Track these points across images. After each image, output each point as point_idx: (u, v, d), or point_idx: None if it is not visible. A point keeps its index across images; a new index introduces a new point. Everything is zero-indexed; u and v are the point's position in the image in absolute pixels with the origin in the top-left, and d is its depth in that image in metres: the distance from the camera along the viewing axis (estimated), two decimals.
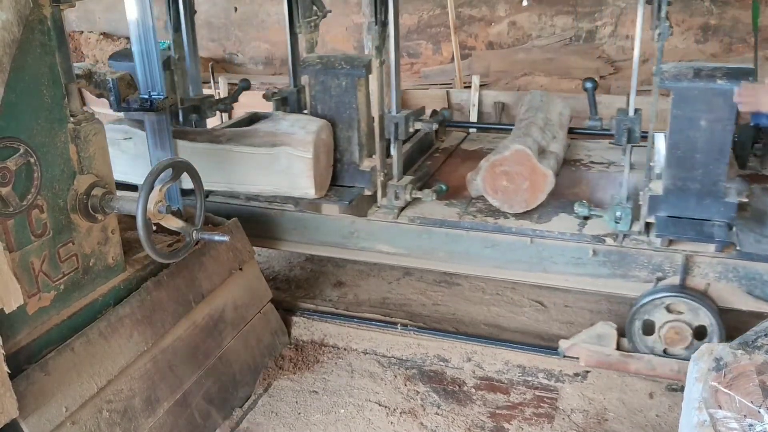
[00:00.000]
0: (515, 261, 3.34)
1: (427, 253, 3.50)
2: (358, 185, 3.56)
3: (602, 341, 3.16)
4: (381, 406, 3.05)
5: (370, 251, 3.60)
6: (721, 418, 1.91)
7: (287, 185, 3.41)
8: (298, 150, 3.31)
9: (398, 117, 3.41)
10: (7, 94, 2.12)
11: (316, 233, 3.65)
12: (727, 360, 2.04)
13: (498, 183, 3.38)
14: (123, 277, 2.72)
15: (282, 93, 4.13)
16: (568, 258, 3.25)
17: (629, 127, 3.01)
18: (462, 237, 3.41)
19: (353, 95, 3.43)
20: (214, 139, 3.51)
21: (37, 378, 2.23)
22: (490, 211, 3.48)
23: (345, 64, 3.43)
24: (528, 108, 4.11)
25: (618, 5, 7.12)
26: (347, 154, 3.54)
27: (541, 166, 3.32)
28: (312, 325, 3.61)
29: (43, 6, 2.26)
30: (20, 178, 2.21)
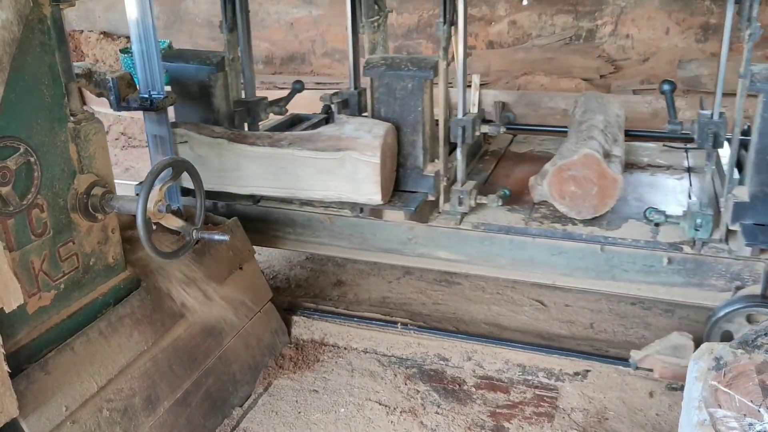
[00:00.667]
0: (583, 269, 3.24)
1: (488, 260, 3.39)
2: (421, 190, 3.43)
3: (678, 353, 2.98)
4: (381, 405, 3.05)
5: (429, 258, 3.49)
6: (721, 417, 1.91)
7: (352, 191, 3.29)
8: (365, 154, 3.18)
9: (465, 120, 3.28)
10: (6, 94, 2.12)
11: (372, 239, 3.54)
12: (727, 359, 2.04)
13: (565, 188, 3.25)
14: (123, 276, 2.72)
15: (342, 95, 4.01)
16: (639, 266, 3.13)
17: (715, 132, 2.89)
18: (527, 244, 3.29)
19: (419, 98, 3.32)
20: (275, 143, 3.40)
21: (38, 377, 2.23)
22: (556, 217, 3.34)
23: (411, 65, 3.31)
24: (585, 110, 3.95)
25: (618, 4, 7.12)
26: (411, 159, 3.43)
27: (611, 171, 3.18)
28: (312, 324, 3.61)
29: (43, 5, 2.26)
30: (20, 178, 2.21)
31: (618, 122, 3.97)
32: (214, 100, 3.71)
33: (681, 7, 6.92)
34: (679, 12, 6.95)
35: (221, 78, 3.70)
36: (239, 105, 3.87)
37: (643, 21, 7.08)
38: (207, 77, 3.66)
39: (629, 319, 3.64)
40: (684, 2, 6.88)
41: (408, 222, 3.44)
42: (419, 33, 7.94)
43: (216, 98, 3.71)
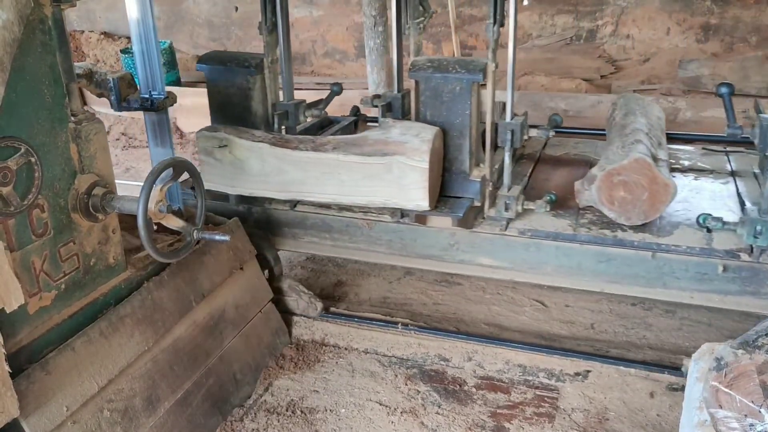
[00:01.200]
0: (632, 276, 3.17)
1: (533, 267, 3.32)
2: (467, 196, 3.36)
3: None
4: (382, 405, 3.05)
5: (470, 264, 3.42)
6: (722, 418, 1.91)
7: (398, 197, 3.22)
8: (413, 159, 3.10)
9: (514, 124, 3.22)
10: (7, 94, 2.12)
11: (412, 245, 3.47)
12: (728, 360, 2.04)
13: (615, 193, 3.17)
14: (124, 276, 2.72)
15: (386, 98, 3.90)
16: (692, 273, 3.06)
17: None
18: (574, 250, 3.22)
19: (467, 101, 3.23)
20: (319, 147, 3.32)
21: (38, 377, 2.23)
22: (604, 223, 3.27)
23: (459, 67, 3.23)
24: (626, 113, 3.85)
25: (619, 4, 7.12)
26: (457, 163, 3.35)
27: (662, 176, 3.10)
28: (312, 324, 3.61)
29: (44, 5, 2.26)
30: (21, 178, 2.21)
31: (660, 125, 3.87)
32: (251, 103, 3.66)
33: (681, 8, 6.92)
34: (679, 12, 6.95)
35: (259, 80, 3.65)
36: (278, 108, 3.79)
37: (644, 21, 7.09)
38: (245, 80, 3.62)
39: (630, 320, 3.64)
40: (684, 2, 6.88)
41: (450, 228, 3.34)
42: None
43: (254, 101, 3.66)
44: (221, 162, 3.44)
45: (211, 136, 3.42)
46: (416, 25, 3.78)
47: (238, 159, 3.39)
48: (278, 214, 3.64)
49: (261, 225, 3.67)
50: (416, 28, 3.80)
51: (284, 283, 3.63)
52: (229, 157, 3.41)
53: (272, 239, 3.69)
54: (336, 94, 4.22)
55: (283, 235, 3.68)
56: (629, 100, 4.11)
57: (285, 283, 3.64)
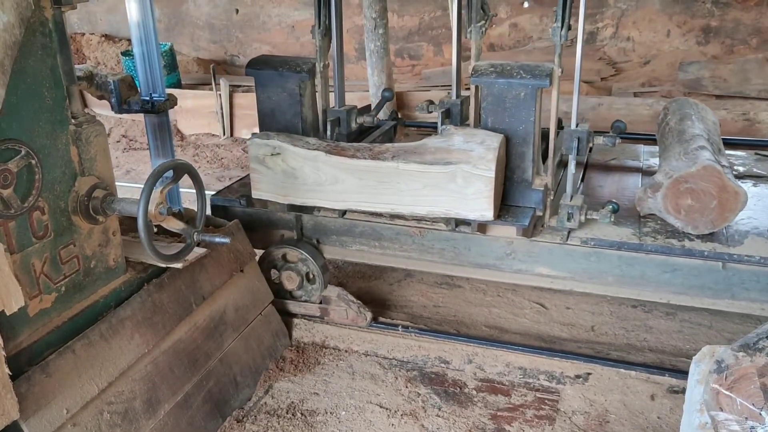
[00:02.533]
0: (699, 287, 3.09)
1: (593, 277, 3.24)
2: (529, 205, 3.27)
3: None
4: (382, 407, 3.05)
5: (528, 274, 3.34)
6: (723, 420, 1.91)
7: (461, 206, 3.12)
8: (478, 168, 3.00)
9: (581, 131, 3.13)
10: (8, 96, 2.12)
11: (466, 254, 3.37)
12: (728, 362, 2.04)
13: (681, 201, 3.09)
14: (124, 278, 2.72)
15: (444, 104, 3.77)
16: (763, 284, 2.98)
17: None
18: (637, 260, 3.14)
19: (531, 107, 3.14)
20: (377, 156, 3.22)
21: (38, 380, 2.23)
22: (669, 232, 3.18)
23: (524, 72, 3.15)
24: (681, 117, 3.76)
25: (619, 7, 7.13)
26: (519, 171, 3.26)
27: (732, 184, 3.01)
28: (313, 326, 3.61)
29: (45, 8, 2.27)
30: (21, 180, 2.21)
31: (716, 130, 3.79)
32: (302, 109, 3.61)
33: (682, 10, 6.93)
34: (680, 14, 6.96)
35: (310, 86, 3.60)
36: (329, 114, 3.76)
37: (644, 23, 7.09)
38: (297, 85, 3.56)
39: (630, 322, 3.64)
40: (685, 5, 6.89)
41: (507, 237, 3.26)
42: (420, 36, 7.96)
43: (304, 107, 3.61)
44: (273, 170, 3.34)
45: (263, 144, 3.32)
46: (478, 29, 3.66)
47: (291, 167, 3.30)
48: (327, 222, 3.55)
49: (308, 233, 3.60)
50: (478, 31, 3.67)
51: (332, 292, 3.56)
52: (282, 165, 3.32)
53: (320, 248, 3.63)
54: (387, 99, 4.14)
55: (332, 243, 3.59)
56: (683, 105, 4.01)
57: (333, 291, 3.56)
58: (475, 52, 3.68)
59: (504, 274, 3.41)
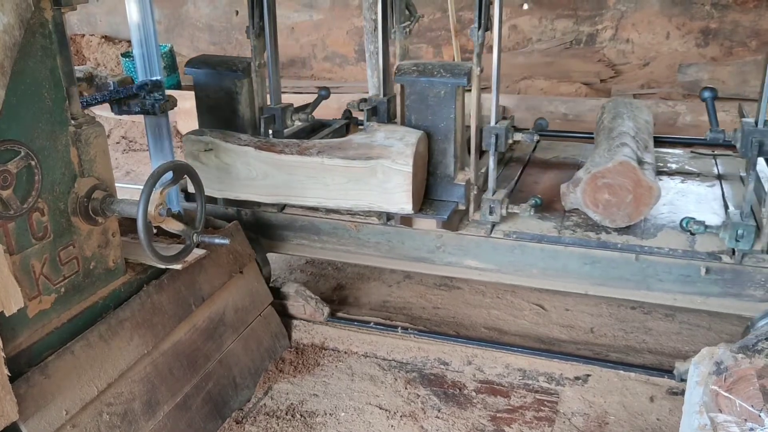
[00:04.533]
0: (617, 278, 3.19)
1: (519, 270, 3.34)
2: (452, 199, 3.39)
3: None
4: (381, 409, 3.05)
5: (457, 267, 3.44)
6: (722, 422, 1.91)
7: (383, 200, 3.23)
8: (397, 163, 3.13)
9: (499, 128, 3.22)
10: (8, 97, 2.12)
11: (400, 248, 3.49)
12: (727, 364, 2.04)
13: (599, 196, 3.19)
14: (123, 280, 2.72)
15: (371, 102, 3.92)
16: (676, 276, 3.08)
17: (761, 140, 2.82)
18: (560, 253, 3.24)
19: (452, 105, 3.25)
20: (304, 151, 3.34)
21: (38, 381, 2.23)
22: (589, 226, 3.29)
23: (445, 71, 3.25)
24: (614, 116, 3.88)
25: (618, 9, 7.14)
26: (441, 167, 3.38)
27: (647, 179, 3.12)
28: (312, 328, 3.61)
29: (45, 9, 2.27)
30: (21, 181, 2.21)
31: (647, 128, 3.88)
32: (239, 107, 3.67)
33: (681, 12, 6.94)
34: (679, 16, 6.97)
35: (247, 84, 3.66)
36: (265, 112, 3.82)
37: (644, 25, 7.10)
38: (233, 83, 3.62)
39: (629, 324, 3.64)
40: (684, 7, 6.90)
41: (437, 230, 3.38)
42: (420, 37, 7.96)
43: (241, 105, 3.67)
44: (207, 166, 3.43)
45: (197, 140, 3.42)
46: (402, 29, 3.79)
47: (224, 163, 3.40)
48: (267, 217, 3.65)
49: (250, 227, 3.67)
50: (402, 32, 3.80)
51: (290, 288, 3.63)
52: (215, 161, 3.41)
53: (262, 242, 3.71)
54: (323, 98, 4.24)
55: (273, 237, 3.69)
56: (618, 104, 4.13)
57: (291, 288, 3.63)
58: (399, 52, 3.79)
59: (436, 266, 3.49)
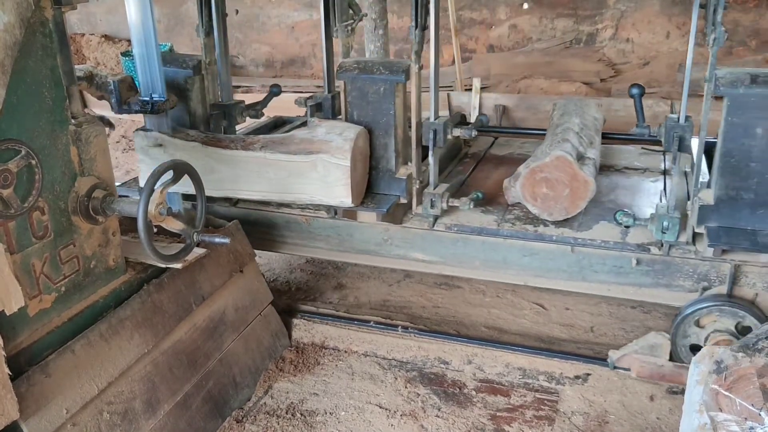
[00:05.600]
0: (554, 270, 3.27)
1: (462, 262, 3.42)
2: (394, 193, 3.47)
3: (655, 352, 3.06)
4: (381, 408, 3.05)
5: (404, 259, 3.52)
6: (722, 421, 1.91)
7: (323, 194, 3.31)
8: (336, 157, 3.21)
9: (437, 124, 3.30)
10: (8, 96, 2.12)
11: (349, 241, 3.57)
12: (728, 363, 2.04)
13: (537, 190, 3.29)
14: (124, 279, 2.72)
15: (316, 99, 3.98)
16: (609, 267, 3.17)
17: (681, 135, 2.93)
18: (500, 245, 3.32)
19: (391, 101, 3.34)
20: (248, 146, 3.40)
21: (38, 380, 2.23)
22: (529, 219, 3.38)
23: (384, 69, 3.34)
24: (562, 113, 3.99)
25: (618, 8, 7.13)
26: (383, 162, 3.46)
27: (583, 173, 3.22)
28: (312, 327, 3.61)
29: (45, 8, 2.27)
30: (21, 180, 2.21)
31: (595, 125, 4.00)
32: (190, 104, 3.70)
33: (681, 11, 6.93)
34: (679, 16, 6.96)
35: (197, 81, 3.69)
36: (216, 108, 3.87)
37: (644, 25, 7.10)
38: (183, 80, 3.65)
39: (629, 323, 3.64)
40: (684, 6, 6.89)
41: (383, 224, 3.47)
42: None
43: (192, 101, 3.70)
44: (157, 161, 3.40)
45: (146, 136, 3.44)
46: (344, 28, 3.86)
47: (173, 157, 3.39)
48: (222, 211, 3.69)
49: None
50: (344, 30, 3.88)
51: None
52: (164, 157, 3.42)
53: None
54: (275, 95, 4.31)
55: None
56: (568, 103, 4.23)
57: None
58: (342, 50, 3.85)
59: (384, 259, 3.57)
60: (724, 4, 2.73)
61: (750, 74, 2.81)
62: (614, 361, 3.14)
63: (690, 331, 3.03)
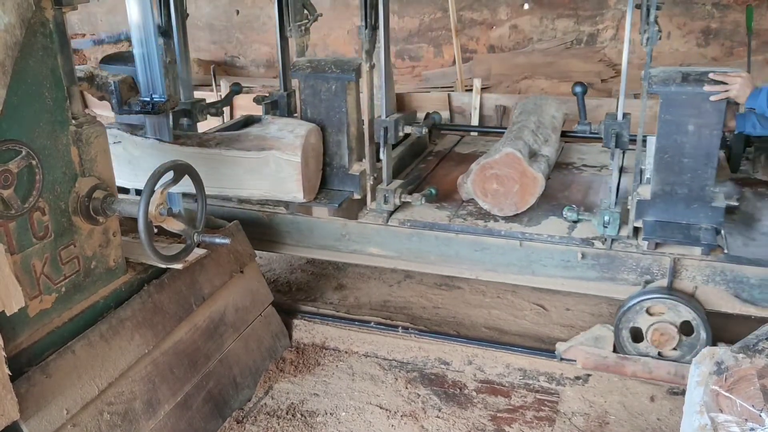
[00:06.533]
0: (505, 264, 3.35)
1: (417, 256, 3.50)
2: (348, 189, 3.59)
3: (599, 344, 3.18)
4: (382, 408, 3.05)
5: (362, 254, 3.61)
6: (723, 422, 1.91)
7: (276, 189, 3.42)
8: (287, 154, 3.31)
9: (387, 121, 3.40)
10: (9, 97, 2.12)
11: (309, 236, 3.66)
12: (728, 364, 2.04)
13: (488, 186, 3.39)
14: (124, 279, 2.72)
15: (272, 97, 4.10)
16: (557, 261, 3.26)
17: (617, 132, 3.03)
18: (452, 240, 3.41)
19: (343, 99, 3.45)
20: (204, 143, 3.49)
21: (38, 380, 2.23)
22: (480, 215, 3.48)
23: (335, 68, 3.44)
24: (521, 111, 4.12)
25: (619, 9, 7.13)
26: (336, 158, 3.57)
27: (532, 170, 3.32)
28: (313, 327, 3.61)
29: (46, 9, 2.27)
30: (22, 181, 2.21)
31: (553, 123, 4.10)
32: None
33: (682, 12, 6.93)
34: (679, 16, 6.96)
35: None
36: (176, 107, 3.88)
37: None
38: None
39: None
40: (685, 6, 6.89)
41: (340, 219, 3.56)
42: (420, 37, 7.96)
43: None
44: (118, 158, 3.48)
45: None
46: (298, 28, 3.96)
47: (133, 155, 3.47)
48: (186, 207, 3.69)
49: None
50: (298, 30, 3.97)
51: None
52: (124, 154, 3.49)
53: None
54: (235, 93, 4.39)
55: None
56: (528, 102, 4.34)
57: None
58: (297, 49, 3.94)
59: (343, 254, 3.66)
60: (656, 5, 2.85)
61: (681, 72, 2.92)
62: (561, 353, 3.23)
63: (632, 323, 3.11)
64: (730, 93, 2.83)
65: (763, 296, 2.97)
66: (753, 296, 2.99)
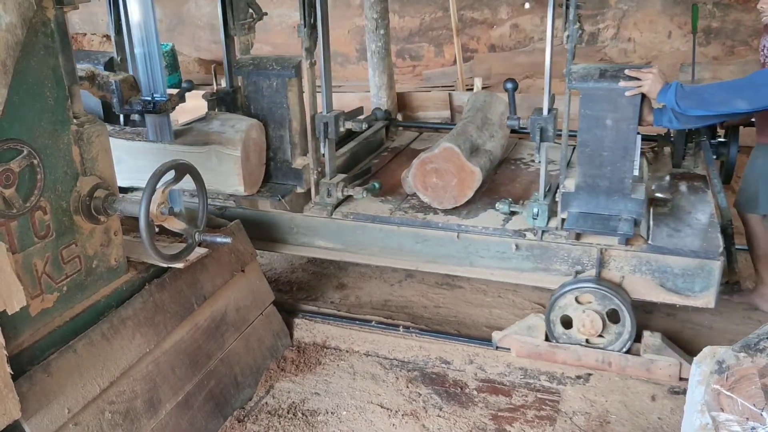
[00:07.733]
0: (445, 255, 3.44)
1: (362, 248, 3.59)
2: (291, 183, 3.69)
3: (532, 332, 3.28)
4: (383, 408, 3.05)
5: (310, 246, 3.71)
6: (724, 421, 1.91)
7: (219, 182, 3.48)
8: (228, 148, 3.39)
9: (327, 117, 3.49)
10: (10, 96, 2.13)
11: (261, 229, 3.73)
12: (729, 363, 2.04)
13: (428, 180, 3.48)
14: (125, 278, 2.72)
15: (219, 93, 4.11)
16: (493, 252, 3.35)
17: (542, 126, 3.09)
18: (394, 232, 3.50)
19: (284, 95, 3.55)
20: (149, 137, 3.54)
21: (40, 379, 2.23)
22: (422, 208, 3.57)
23: (276, 65, 3.54)
24: (470, 108, 4.21)
25: (620, 8, 7.14)
26: (280, 153, 3.67)
27: (469, 164, 3.41)
28: (314, 327, 3.61)
29: (47, 8, 2.27)
30: (24, 180, 2.21)
31: (501, 120, 4.18)
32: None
33: (683, 11, 6.93)
34: (680, 15, 6.96)
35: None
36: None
37: (645, 24, 7.10)
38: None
39: None
40: (686, 6, 6.89)
41: (288, 213, 3.65)
42: (421, 36, 7.97)
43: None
44: None
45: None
46: (242, 26, 4.02)
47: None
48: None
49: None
50: (242, 28, 4.03)
51: None
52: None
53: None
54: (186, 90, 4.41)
55: None
56: (477, 98, 4.42)
57: None
58: (241, 47, 3.99)
59: (292, 246, 3.76)
60: (576, 4, 2.92)
61: (600, 69, 2.99)
62: (497, 342, 3.34)
63: (563, 312, 3.20)
64: (643, 88, 2.89)
65: (686, 285, 3.05)
66: (677, 285, 3.06)
